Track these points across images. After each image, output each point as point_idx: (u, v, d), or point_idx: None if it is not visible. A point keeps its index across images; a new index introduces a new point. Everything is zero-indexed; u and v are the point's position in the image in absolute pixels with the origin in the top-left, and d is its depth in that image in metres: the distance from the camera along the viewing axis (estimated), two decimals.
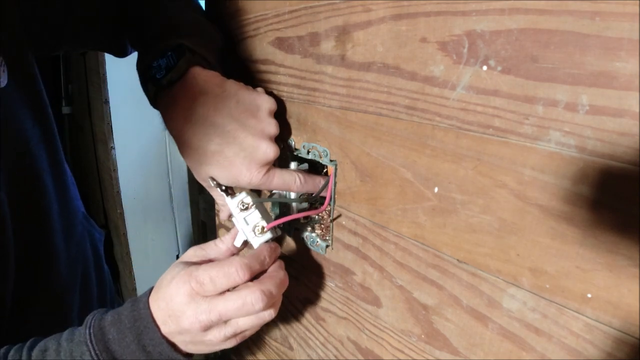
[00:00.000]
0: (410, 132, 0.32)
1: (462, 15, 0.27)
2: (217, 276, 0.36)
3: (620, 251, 0.23)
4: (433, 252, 0.33)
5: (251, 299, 0.35)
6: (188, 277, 0.36)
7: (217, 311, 0.35)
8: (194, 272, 0.36)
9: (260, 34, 0.45)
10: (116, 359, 0.37)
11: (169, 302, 0.37)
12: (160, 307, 0.37)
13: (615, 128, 0.22)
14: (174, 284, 0.37)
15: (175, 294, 0.36)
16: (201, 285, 0.36)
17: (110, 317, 0.38)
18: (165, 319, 0.37)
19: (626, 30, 0.21)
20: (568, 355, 0.26)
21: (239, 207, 0.40)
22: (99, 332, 0.37)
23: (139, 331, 0.37)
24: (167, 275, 0.38)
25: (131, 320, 0.37)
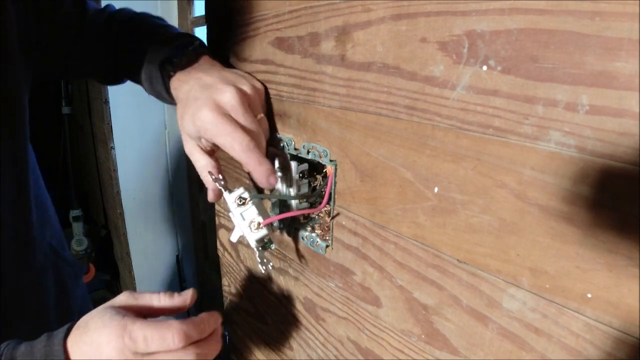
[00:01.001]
0: (410, 132, 0.32)
1: (462, 15, 0.27)
2: (152, 338, 0.35)
3: (620, 251, 0.23)
4: (433, 252, 0.33)
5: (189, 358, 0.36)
6: (122, 331, 0.35)
7: None
8: (128, 326, 0.35)
9: (260, 34, 0.45)
10: None
11: (96, 349, 0.35)
12: (83, 352, 0.36)
13: (615, 128, 0.22)
14: (105, 333, 0.35)
15: (106, 344, 0.35)
16: (134, 342, 0.34)
17: (23, 348, 0.37)
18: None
19: (626, 30, 0.21)
20: (568, 355, 0.26)
21: (236, 202, 0.40)
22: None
23: None
24: (96, 318, 0.37)
25: (42, 354, 0.36)
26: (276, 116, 0.46)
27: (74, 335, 0.37)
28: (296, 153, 0.44)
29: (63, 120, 1.73)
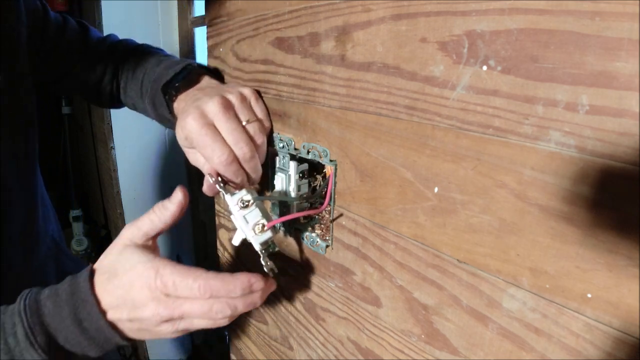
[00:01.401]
0: (410, 132, 0.32)
1: (462, 15, 0.27)
2: (180, 285, 0.35)
3: (620, 251, 0.23)
4: (433, 252, 0.33)
5: (217, 309, 0.36)
6: (154, 274, 0.35)
7: (181, 310, 0.36)
8: (160, 270, 0.35)
9: (260, 34, 0.45)
10: (50, 334, 0.36)
11: (128, 290, 0.36)
12: (113, 294, 0.36)
13: (615, 128, 0.22)
14: (136, 274, 0.36)
15: (138, 285, 0.35)
16: (165, 286, 0.35)
17: (47, 291, 0.37)
18: (119, 305, 0.36)
19: (626, 30, 0.21)
20: (568, 355, 0.26)
21: (238, 205, 0.39)
22: (34, 304, 0.36)
23: (76, 305, 0.36)
24: (122, 262, 0.37)
25: (69, 293, 0.36)
26: (276, 116, 0.46)
27: (100, 279, 0.37)
28: (296, 153, 0.44)
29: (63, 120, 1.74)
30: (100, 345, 0.37)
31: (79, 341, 0.36)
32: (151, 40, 1.65)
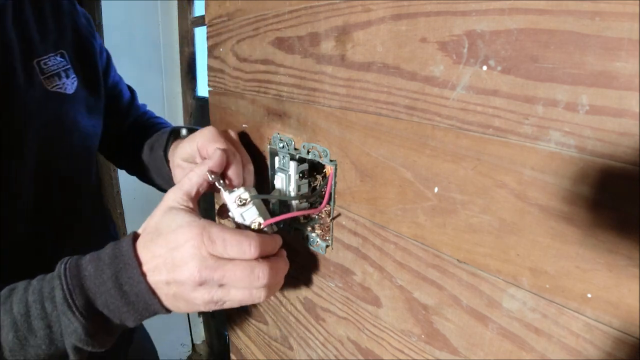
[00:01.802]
0: (410, 132, 0.32)
1: (462, 15, 0.27)
2: (230, 242, 0.35)
3: (620, 251, 0.23)
4: (433, 252, 0.33)
5: (259, 272, 0.35)
6: (201, 230, 0.35)
7: (222, 271, 0.35)
8: (207, 227, 0.35)
9: (260, 34, 0.45)
10: (89, 297, 0.35)
11: (171, 249, 0.35)
12: (155, 252, 0.35)
13: (615, 128, 0.22)
14: (182, 232, 0.35)
15: (183, 242, 0.35)
16: (212, 243, 0.35)
17: (89, 256, 0.37)
18: (158, 266, 0.35)
19: (626, 30, 0.21)
20: (568, 355, 0.26)
21: (236, 203, 0.40)
22: (75, 268, 0.36)
23: (117, 268, 0.35)
24: (167, 221, 0.37)
25: (111, 257, 0.36)
26: (276, 116, 0.46)
27: (143, 240, 0.37)
28: (296, 153, 0.44)
29: None
30: (139, 311, 0.36)
31: (118, 306, 0.36)
32: (151, 40, 1.66)
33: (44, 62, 0.55)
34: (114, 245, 0.37)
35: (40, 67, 0.54)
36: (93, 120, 0.62)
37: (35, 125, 0.52)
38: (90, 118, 0.61)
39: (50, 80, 0.54)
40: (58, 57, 0.57)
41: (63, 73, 0.57)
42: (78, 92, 0.58)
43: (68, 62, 0.58)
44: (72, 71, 0.58)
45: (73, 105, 0.57)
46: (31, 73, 0.53)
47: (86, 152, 0.61)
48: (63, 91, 0.56)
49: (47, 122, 0.53)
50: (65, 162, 0.57)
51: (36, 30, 0.55)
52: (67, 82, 0.57)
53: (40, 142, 0.52)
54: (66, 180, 0.57)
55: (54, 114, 0.54)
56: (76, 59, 0.60)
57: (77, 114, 0.58)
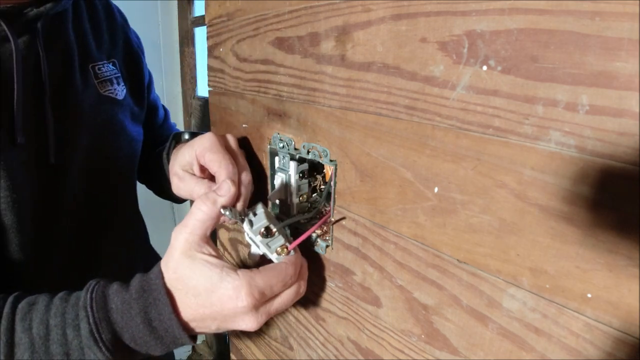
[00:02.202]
0: (410, 132, 0.32)
1: (462, 15, 0.27)
2: (277, 285, 0.37)
3: (620, 251, 0.23)
4: (433, 252, 0.33)
5: (302, 290, 0.39)
6: (248, 288, 0.35)
7: (274, 309, 0.37)
8: (252, 282, 0.35)
9: (260, 34, 0.45)
10: (116, 332, 0.35)
11: (218, 310, 0.35)
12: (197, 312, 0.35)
13: (615, 128, 0.22)
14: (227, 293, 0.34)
15: (231, 303, 0.35)
16: (262, 295, 0.36)
17: (116, 286, 0.36)
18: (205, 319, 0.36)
19: (626, 30, 0.21)
20: (568, 355, 0.26)
21: (261, 235, 0.39)
22: (101, 300, 0.35)
23: (146, 303, 0.35)
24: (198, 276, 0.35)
25: (139, 290, 0.36)
26: (276, 116, 0.46)
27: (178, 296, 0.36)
28: (296, 153, 0.44)
29: None
30: (167, 345, 0.37)
31: (146, 341, 0.35)
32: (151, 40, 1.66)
33: (98, 68, 0.58)
34: (142, 278, 0.37)
35: (95, 71, 0.58)
36: (137, 127, 0.65)
37: (88, 125, 0.54)
38: (135, 125, 0.65)
39: (103, 85, 0.58)
40: (110, 65, 0.61)
41: (115, 80, 0.60)
42: (126, 99, 0.62)
43: (118, 70, 0.62)
44: (121, 79, 0.62)
45: (122, 110, 0.61)
46: (87, 76, 0.56)
47: (131, 155, 0.64)
48: (114, 96, 0.60)
49: (98, 123, 0.56)
50: (112, 162, 0.60)
51: (92, 37, 0.59)
52: (118, 89, 0.61)
53: (91, 141, 0.55)
54: (110, 180, 0.60)
55: (105, 116, 0.58)
56: (125, 69, 0.64)
57: (125, 119, 0.61)
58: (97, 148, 0.56)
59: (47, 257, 0.52)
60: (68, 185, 0.53)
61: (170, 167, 0.51)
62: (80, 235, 0.56)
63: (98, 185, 0.58)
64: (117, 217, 0.63)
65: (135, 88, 0.66)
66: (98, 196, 0.58)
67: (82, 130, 0.54)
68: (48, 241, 0.52)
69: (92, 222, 0.58)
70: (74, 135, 0.53)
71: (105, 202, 0.60)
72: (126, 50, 0.66)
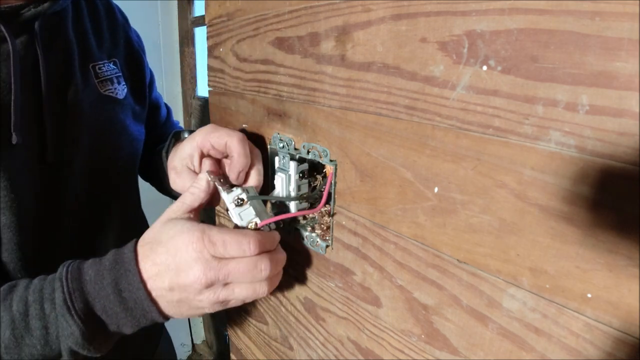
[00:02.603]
0: (410, 132, 0.32)
1: (462, 15, 0.27)
2: (230, 242, 0.35)
3: (620, 251, 0.23)
4: (433, 252, 0.33)
5: (261, 265, 0.36)
6: (201, 234, 0.35)
7: (226, 270, 0.35)
8: (207, 230, 0.36)
9: (260, 34, 0.45)
10: (88, 301, 0.36)
11: (172, 255, 0.35)
12: (155, 260, 0.36)
13: (615, 128, 0.22)
14: (183, 238, 0.36)
15: (184, 248, 0.35)
16: (213, 245, 0.35)
17: (91, 260, 0.38)
18: (160, 272, 0.36)
19: (626, 30, 0.21)
20: (568, 355, 0.26)
21: (234, 203, 0.40)
22: (76, 271, 0.37)
23: (118, 274, 0.36)
24: (167, 229, 0.37)
25: (112, 262, 0.37)
26: (276, 116, 0.46)
27: (143, 250, 0.37)
28: (296, 153, 0.44)
29: None
30: (137, 318, 0.37)
31: (116, 312, 0.36)
32: (151, 40, 1.66)
33: (99, 67, 0.59)
34: (116, 251, 0.38)
35: (95, 71, 0.58)
36: (139, 126, 0.66)
37: (88, 125, 0.55)
38: (136, 124, 0.65)
39: (104, 84, 0.58)
40: (111, 65, 0.61)
41: (115, 79, 0.60)
42: (127, 98, 0.62)
43: (119, 70, 0.62)
44: (122, 78, 0.62)
45: (122, 109, 0.61)
46: (87, 76, 0.56)
47: (132, 155, 0.64)
48: (114, 95, 0.60)
49: (99, 123, 0.56)
50: (113, 162, 0.60)
51: (93, 36, 0.59)
52: (119, 88, 0.61)
53: (91, 141, 0.55)
54: (112, 179, 0.60)
55: (106, 116, 0.58)
56: (126, 69, 0.65)
57: (126, 118, 0.61)
58: (98, 148, 0.57)
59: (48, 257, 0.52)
60: (70, 185, 0.53)
61: (169, 162, 0.51)
62: (82, 235, 0.57)
63: (100, 185, 0.58)
64: (119, 216, 0.63)
65: (137, 87, 0.66)
66: (100, 196, 0.58)
67: (82, 130, 0.54)
68: (49, 241, 0.52)
69: (93, 222, 0.58)
70: (73, 135, 0.53)
71: (106, 202, 0.60)
72: (127, 50, 0.66)
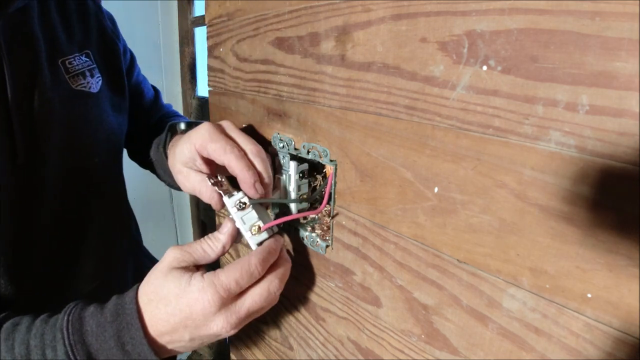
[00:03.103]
0: (410, 132, 0.32)
1: (462, 15, 0.27)
2: (242, 278, 0.36)
3: (620, 251, 0.23)
4: (433, 252, 0.33)
5: (274, 288, 0.37)
6: (214, 288, 0.35)
7: (245, 309, 0.36)
8: (217, 281, 0.35)
9: (260, 34, 0.45)
10: (91, 353, 0.36)
11: (187, 315, 0.35)
12: (169, 321, 0.36)
13: (615, 128, 0.22)
14: (194, 297, 0.35)
15: (201, 306, 0.35)
16: (228, 291, 0.35)
17: (92, 309, 0.37)
18: (178, 329, 0.36)
19: (626, 30, 0.21)
20: (568, 355, 0.26)
21: (236, 207, 0.40)
22: (77, 322, 0.36)
23: (120, 327, 0.36)
24: (170, 286, 0.36)
25: (114, 314, 0.36)
26: (276, 116, 0.46)
27: (148, 309, 0.36)
28: (296, 153, 0.44)
29: None
30: None
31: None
32: (151, 40, 1.66)
33: (69, 62, 0.56)
34: (117, 300, 0.38)
35: (66, 66, 0.56)
36: (119, 118, 0.64)
37: (60, 122, 0.53)
38: (115, 116, 0.63)
39: (76, 79, 0.56)
40: (83, 57, 0.59)
41: (88, 72, 0.58)
42: (102, 91, 0.60)
43: (93, 62, 0.60)
44: (97, 71, 0.60)
45: (97, 103, 0.59)
46: (57, 72, 0.54)
47: (111, 150, 0.63)
48: (87, 90, 0.58)
49: (71, 120, 0.55)
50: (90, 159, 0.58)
51: (62, 30, 0.57)
52: (92, 81, 0.59)
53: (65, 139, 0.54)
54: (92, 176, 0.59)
55: (78, 112, 0.56)
56: (101, 60, 0.62)
57: (101, 112, 0.60)
58: (73, 145, 0.55)
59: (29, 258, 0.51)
60: (47, 185, 0.52)
61: (172, 165, 0.50)
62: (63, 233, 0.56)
63: (78, 183, 0.57)
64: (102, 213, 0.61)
65: (114, 77, 0.64)
66: (80, 194, 0.57)
67: (53, 128, 0.53)
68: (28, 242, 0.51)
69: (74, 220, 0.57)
70: (45, 134, 0.52)
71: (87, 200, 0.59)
72: (101, 39, 0.64)
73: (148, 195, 1.69)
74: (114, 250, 0.67)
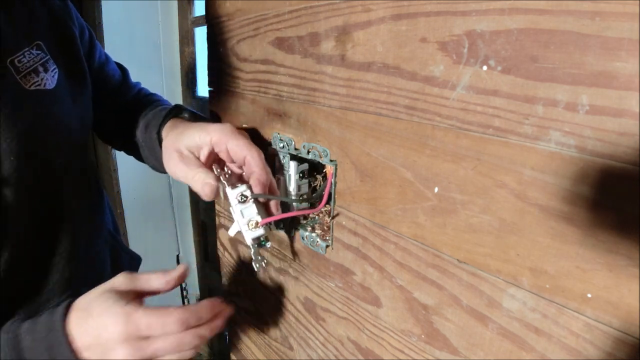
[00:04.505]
0: (410, 132, 0.32)
1: (462, 15, 0.27)
2: (155, 325, 0.37)
3: (620, 251, 0.23)
4: (433, 252, 0.33)
5: (187, 341, 0.38)
6: (126, 318, 0.36)
7: (152, 349, 0.37)
8: (132, 314, 0.37)
9: (260, 34, 0.45)
10: None
11: (101, 333, 0.37)
12: (88, 334, 0.37)
13: (615, 128, 0.22)
14: (108, 319, 0.37)
15: (110, 330, 0.36)
16: (137, 328, 0.36)
17: (27, 325, 0.39)
18: (91, 346, 0.37)
19: (626, 30, 0.21)
20: (568, 355, 0.26)
21: (237, 199, 0.40)
22: (14, 339, 0.38)
23: (51, 343, 0.37)
24: (99, 302, 0.38)
25: (46, 330, 0.38)
26: (276, 116, 0.46)
27: (75, 317, 0.38)
28: (296, 153, 0.44)
29: None
30: None
31: None
32: (151, 40, 1.66)
33: (19, 60, 0.51)
34: (49, 316, 0.39)
35: (15, 65, 0.50)
36: (81, 110, 0.59)
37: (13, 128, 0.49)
38: (77, 109, 0.58)
39: (28, 79, 0.51)
40: (34, 50, 0.52)
41: (41, 67, 0.52)
42: (60, 84, 0.55)
43: (46, 52, 0.54)
44: (51, 62, 0.54)
45: (55, 100, 0.54)
46: (4, 74, 0.49)
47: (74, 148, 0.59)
48: (43, 87, 0.52)
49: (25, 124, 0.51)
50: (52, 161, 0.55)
51: (7, 25, 0.51)
52: (47, 77, 0.53)
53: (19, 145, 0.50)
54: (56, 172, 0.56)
55: (34, 113, 0.51)
56: (55, 48, 0.55)
57: (60, 109, 0.55)
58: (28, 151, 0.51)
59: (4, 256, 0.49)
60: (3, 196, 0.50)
61: (170, 143, 0.48)
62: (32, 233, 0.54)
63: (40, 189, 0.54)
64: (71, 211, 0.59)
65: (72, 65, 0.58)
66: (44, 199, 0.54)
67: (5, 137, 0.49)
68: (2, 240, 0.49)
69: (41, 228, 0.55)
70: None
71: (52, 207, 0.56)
72: (52, 26, 0.57)
73: (148, 195, 1.69)
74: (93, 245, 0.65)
